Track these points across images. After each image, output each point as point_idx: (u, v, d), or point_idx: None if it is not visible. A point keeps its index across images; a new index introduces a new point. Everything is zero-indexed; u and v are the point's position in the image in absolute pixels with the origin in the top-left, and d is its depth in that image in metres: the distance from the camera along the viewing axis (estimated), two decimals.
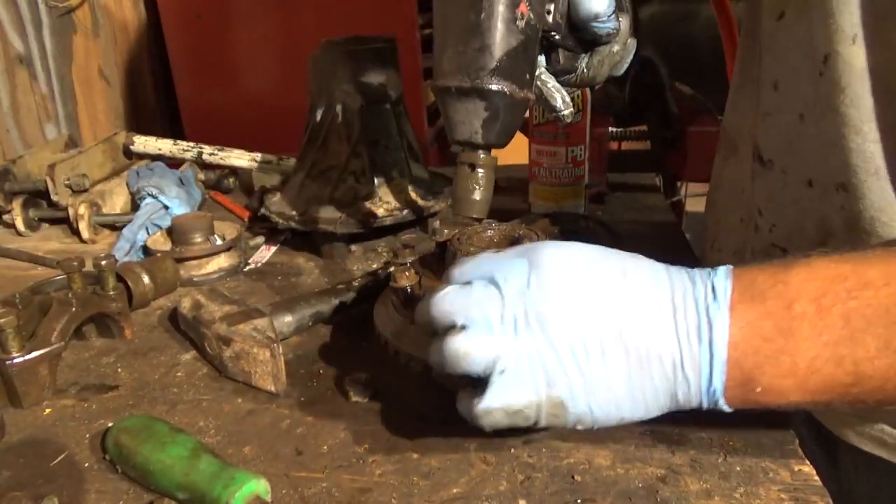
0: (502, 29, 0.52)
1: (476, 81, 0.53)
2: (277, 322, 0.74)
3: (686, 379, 0.43)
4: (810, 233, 0.64)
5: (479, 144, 0.55)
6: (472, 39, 0.53)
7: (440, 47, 0.55)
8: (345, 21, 1.67)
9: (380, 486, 0.55)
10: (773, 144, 0.67)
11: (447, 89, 0.55)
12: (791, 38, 0.63)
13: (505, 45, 0.53)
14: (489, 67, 0.53)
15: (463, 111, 0.55)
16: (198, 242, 0.95)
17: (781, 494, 0.52)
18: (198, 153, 1.29)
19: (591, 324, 0.44)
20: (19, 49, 1.48)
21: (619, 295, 0.45)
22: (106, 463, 0.59)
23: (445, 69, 0.55)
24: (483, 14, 0.52)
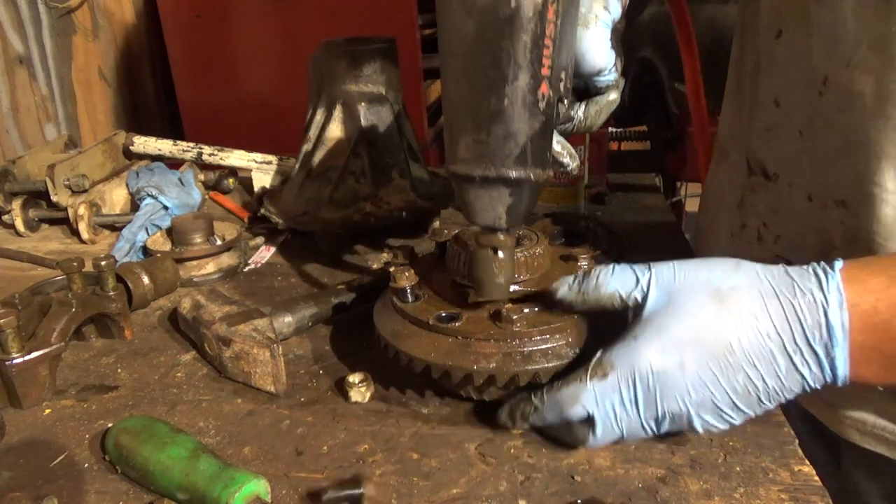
0: (526, 115, 0.50)
1: (501, 170, 0.51)
2: (277, 322, 0.74)
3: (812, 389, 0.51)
4: (813, 245, 0.65)
5: (503, 229, 0.54)
6: (495, 127, 0.51)
7: (456, 131, 0.53)
8: (345, 21, 1.67)
9: (380, 486, 0.55)
10: (776, 159, 0.68)
11: (469, 178, 0.53)
12: (789, 57, 0.63)
13: (529, 131, 0.51)
14: (514, 155, 0.51)
15: (486, 198, 0.53)
16: (197, 243, 0.95)
17: (781, 495, 0.52)
18: (197, 153, 1.29)
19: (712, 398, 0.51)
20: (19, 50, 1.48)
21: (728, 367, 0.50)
22: (106, 463, 0.59)
23: (465, 156, 0.52)
24: (506, 101, 0.50)
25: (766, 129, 0.68)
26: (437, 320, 0.60)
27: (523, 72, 0.49)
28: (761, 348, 0.49)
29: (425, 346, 0.59)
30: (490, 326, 0.58)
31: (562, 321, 0.58)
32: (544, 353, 0.57)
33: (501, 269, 0.56)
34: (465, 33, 0.50)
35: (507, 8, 0.48)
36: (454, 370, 0.57)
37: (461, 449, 0.59)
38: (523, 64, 0.49)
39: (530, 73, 0.49)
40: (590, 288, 0.56)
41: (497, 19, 0.48)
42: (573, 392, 0.53)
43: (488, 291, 0.57)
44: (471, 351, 0.57)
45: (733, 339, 0.50)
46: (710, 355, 0.50)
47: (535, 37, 0.49)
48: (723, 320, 0.50)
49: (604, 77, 0.61)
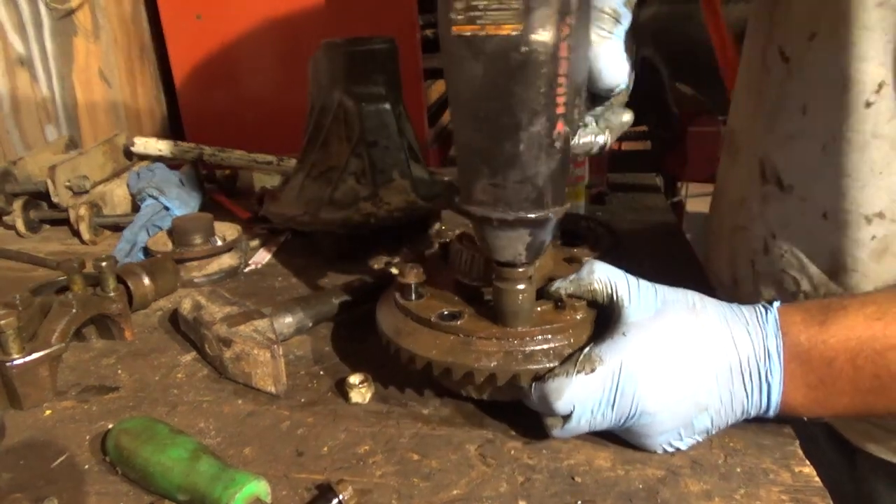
0: (543, 158, 0.49)
1: (520, 213, 0.51)
2: (278, 323, 0.74)
3: (748, 415, 0.55)
4: (822, 265, 0.63)
5: (523, 264, 0.55)
6: (511, 172, 0.49)
7: (471, 175, 0.52)
8: (345, 22, 1.67)
9: (380, 487, 0.55)
10: (795, 170, 0.65)
11: (487, 220, 0.52)
12: (820, 62, 0.60)
13: (546, 172, 0.50)
14: (532, 198, 0.50)
15: (505, 239, 0.53)
16: (198, 244, 0.95)
17: (782, 496, 0.52)
18: (198, 154, 1.29)
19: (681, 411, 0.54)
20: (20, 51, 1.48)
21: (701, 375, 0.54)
22: (106, 465, 0.59)
23: (482, 199, 0.52)
24: (522, 146, 0.48)
25: (788, 137, 0.65)
26: (439, 318, 0.60)
27: (538, 117, 0.48)
28: (725, 364, 0.54)
29: (427, 343, 0.59)
30: (492, 325, 0.58)
31: (564, 321, 0.58)
32: (546, 352, 0.57)
33: (524, 301, 0.57)
34: (473, 77, 0.48)
35: (517, 54, 0.46)
36: (455, 368, 0.57)
37: (461, 450, 0.59)
38: (538, 109, 0.47)
39: (545, 117, 0.48)
40: (584, 274, 0.58)
41: (507, 65, 0.46)
42: (559, 386, 0.55)
43: (511, 321, 0.57)
44: (472, 349, 0.57)
45: (706, 352, 0.54)
46: (687, 364, 0.54)
47: (550, 80, 0.47)
48: (699, 334, 0.54)
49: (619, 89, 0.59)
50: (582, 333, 0.58)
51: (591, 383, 0.54)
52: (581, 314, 0.59)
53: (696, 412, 0.54)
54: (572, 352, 0.57)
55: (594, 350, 0.55)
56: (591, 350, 0.55)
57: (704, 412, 0.54)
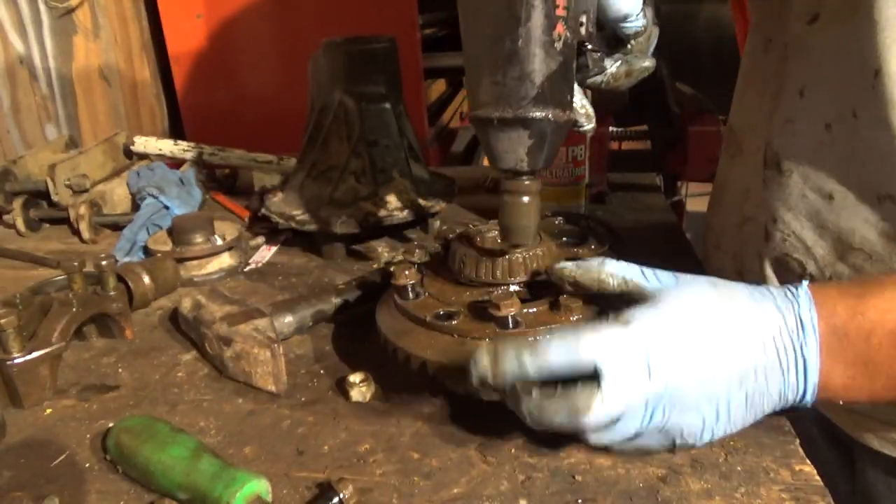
0: (541, 54, 0.51)
1: (519, 111, 0.52)
2: (278, 322, 0.74)
3: (785, 401, 0.51)
4: (826, 247, 0.63)
5: (525, 172, 0.55)
6: (511, 68, 0.51)
7: (474, 77, 0.53)
8: (345, 21, 1.67)
9: (380, 485, 0.55)
10: (794, 153, 0.65)
11: (488, 120, 0.53)
12: (824, 43, 0.60)
13: (545, 70, 0.51)
14: (531, 96, 0.51)
15: (506, 141, 0.53)
16: (198, 243, 0.95)
17: (782, 494, 0.52)
18: (198, 153, 1.29)
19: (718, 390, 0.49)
20: (20, 49, 1.48)
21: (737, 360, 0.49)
22: (107, 463, 0.59)
23: (483, 100, 0.53)
24: (520, 41, 0.50)
25: (786, 121, 0.65)
26: (435, 318, 0.60)
27: (536, 11, 0.49)
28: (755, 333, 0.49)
29: (422, 343, 0.59)
30: (487, 325, 0.58)
31: (558, 322, 0.58)
32: None
33: (527, 214, 0.56)
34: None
35: None
36: (450, 368, 0.57)
37: (462, 448, 0.59)
38: (536, 4, 0.49)
39: (544, 13, 0.50)
40: (594, 265, 0.55)
41: None
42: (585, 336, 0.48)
43: (515, 236, 0.57)
44: (467, 349, 0.57)
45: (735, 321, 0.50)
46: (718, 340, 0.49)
47: None
48: (725, 303, 0.50)
49: (630, 24, 0.60)
50: None
51: (623, 340, 0.48)
52: (577, 315, 0.58)
53: (732, 385, 0.49)
54: None
55: (623, 313, 0.50)
56: (619, 313, 0.51)
57: (739, 386, 0.49)
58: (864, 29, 0.56)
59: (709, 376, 0.49)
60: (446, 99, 2.55)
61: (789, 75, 0.65)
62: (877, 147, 0.58)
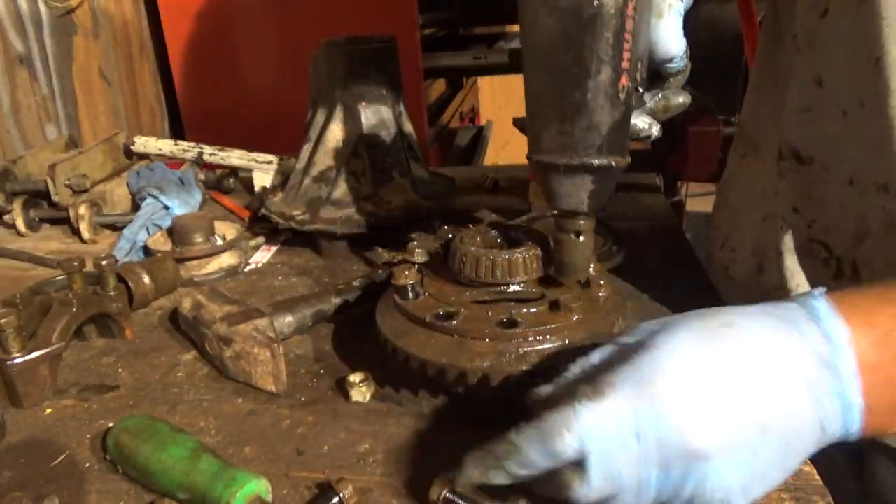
0: (608, 107, 0.53)
1: (584, 159, 0.54)
2: (278, 322, 0.74)
3: (827, 434, 0.43)
4: (849, 230, 0.64)
5: (585, 213, 0.57)
6: (578, 119, 0.53)
7: (539, 123, 0.56)
8: (345, 21, 1.67)
9: (380, 486, 0.55)
10: (813, 141, 0.66)
11: (554, 166, 0.55)
12: (837, 35, 0.62)
13: (610, 121, 0.54)
14: (596, 145, 0.54)
15: (570, 185, 0.56)
16: (198, 243, 0.95)
17: (782, 494, 0.52)
18: (198, 153, 1.29)
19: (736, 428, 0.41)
20: (19, 49, 1.48)
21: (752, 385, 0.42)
22: (107, 463, 0.59)
23: (549, 146, 0.55)
24: (589, 94, 0.52)
25: (802, 109, 0.66)
26: (435, 318, 0.60)
27: (605, 66, 0.52)
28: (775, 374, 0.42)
29: (422, 343, 0.59)
30: (486, 326, 0.58)
31: (559, 322, 0.58)
32: (539, 354, 0.57)
33: (584, 252, 0.59)
34: (547, 31, 0.53)
35: (590, 8, 0.51)
36: (448, 368, 0.57)
37: (462, 449, 0.59)
38: (605, 59, 0.52)
39: (612, 67, 0.52)
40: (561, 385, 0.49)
41: (580, 18, 0.51)
42: (559, 422, 0.42)
43: (571, 273, 0.60)
44: (465, 349, 0.57)
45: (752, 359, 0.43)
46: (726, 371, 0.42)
47: (617, 33, 0.51)
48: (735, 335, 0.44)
49: (674, 64, 0.64)
50: (576, 335, 0.58)
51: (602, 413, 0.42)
52: (577, 315, 0.58)
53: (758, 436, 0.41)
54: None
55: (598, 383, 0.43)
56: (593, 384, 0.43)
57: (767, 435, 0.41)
58: (869, 19, 0.58)
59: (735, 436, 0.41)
60: (446, 99, 2.56)
61: (804, 65, 0.66)
62: (878, 135, 0.59)
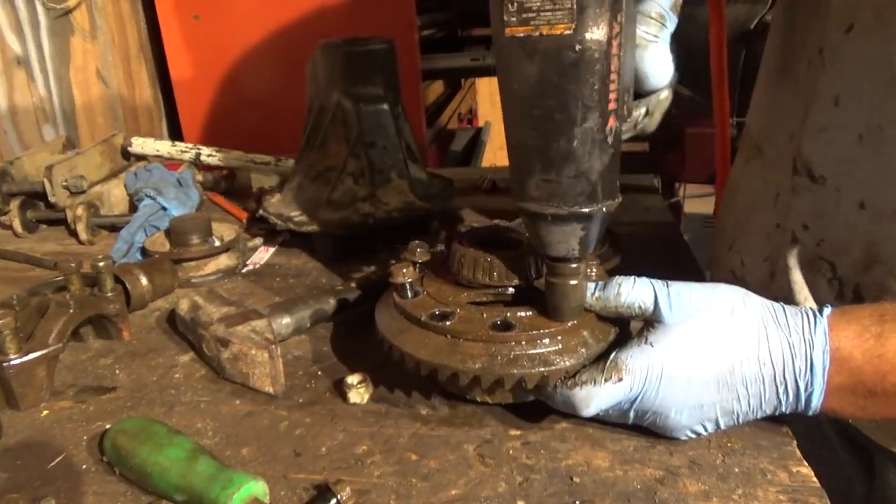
0: (596, 153, 0.50)
1: (574, 208, 0.52)
2: (276, 323, 0.74)
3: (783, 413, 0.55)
4: (857, 255, 0.63)
5: (576, 259, 0.55)
6: (566, 168, 0.51)
7: (524, 171, 0.53)
8: (343, 22, 1.67)
9: (378, 487, 0.55)
10: (827, 161, 0.65)
11: (542, 216, 0.53)
12: (858, 54, 0.60)
13: (599, 167, 0.51)
14: (586, 193, 0.52)
15: (559, 234, 0.54)
16: (196, 244, 0.95)
17: (780, 496, 0.52)
18: (196, 154, 1.29)
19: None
20: (17, 51, 1.48)
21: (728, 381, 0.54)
22: (104, 465, 0.59)
23: (535, 195, 0.53)
24: (576, 142, 0.50)
25: (820, 129, 0.65)
26: (430, 318, 0.60)
27: (592, 112, 0.49)
28: (756, 375, 0.53)
29: (417, 342, 0.59)
30: (480, 327, 0.58)
31: (552, 326, 0.58)
32: (531, 357, 0.57)
33: (575, 296, 0.57)
34: (528, 77, 0.49)
35: (571, 53, 0.47)
36: (441, 368, 0.57)
37: (460, 450, 0.59)
38: (591, 105, 0.49)
39: (598, 112, 0.49)
40: (611, 296, 0.57)
41: (561, 63, 0.47)
42: (587, 395, 0.55)
43: (563, 316, 0.58)
44: (458, 350, 0.57)
45: (736, 362, 0.53)
46: (714, 374, 0.53)
47: (602, 76, 0.48)
48: (731, 343, 0.53)
49: (661, 91, 0.63)
50: (570, 340, 0.58)
51: (617, 391, 0.55)
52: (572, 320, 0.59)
53: (720, 414, 0.55)
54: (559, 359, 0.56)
55: (620, 357, 0.55)
56: (617, 357, 0.55)
57: (730, 415, 0.55)
58: (891, 38, 0.56)
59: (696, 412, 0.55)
60: (444, 100, 2.56)
61: (825, 83, 0.64)
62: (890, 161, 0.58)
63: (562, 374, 0.56)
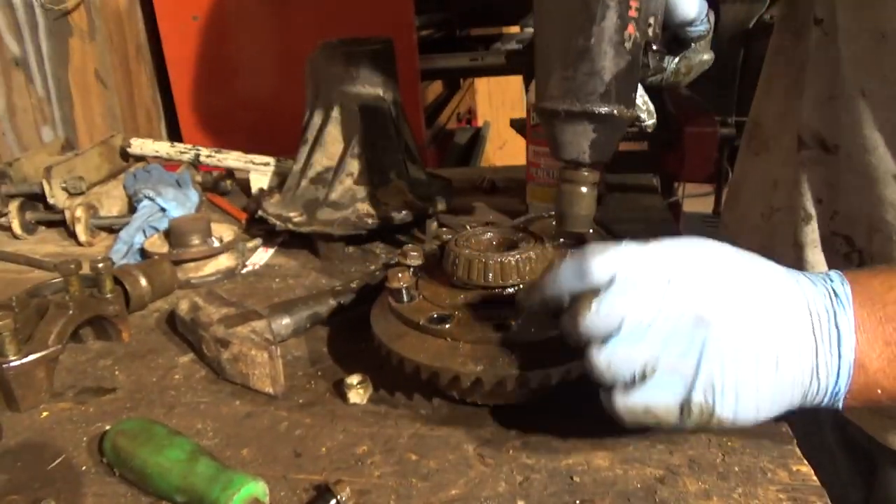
0: (612, 53, 0.53)
1: (586, 105, 0.54)
2: (275, 324, 0.74)
3: (818, 381, 0.46)
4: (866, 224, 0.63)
5: (586, 163, 0.57)
6: (582, 64, 0.53)
7: (545, 70, 0.56)
8: (342, 23, 1.67)
9: (378, 487, 0.55)
10: (840, 129, 0.65)
11: (556, 112, 0.55)
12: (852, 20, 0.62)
13: (614, 69, 0.53)
14: (599, 91, 0.54)
15: (571, 133, 0.56)
16: (195, 245, 0.95)
17: (780, 494, 0.52)
18: (195, 155, 1.29)
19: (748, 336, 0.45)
20: (15, 52, 1.48)
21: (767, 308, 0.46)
22: (103, 466, 0.59)
23: (553, 93, 0.55)
24: (593, 39, 0.53)
25: (828, 98, 0.66)
26: (428, 321, 0.60)
27: (610, 11, 0.52)
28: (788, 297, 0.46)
29: (416, 346, 0.59)
30: (479, 329, 0.58)
31: (553, 328, 0.58)
32: (531, 359, 0.57)
33: (584, 203, 0.58)
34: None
35: None
36: (442, 372, 0.57)
37: (460, 450, 0.59)
38: (611, 4, 0.52)
39: (618, 14, 0.52)
40: None
41: None
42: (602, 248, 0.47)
43: (570, 224, 0.59)
44: (458, 353, 0.57)
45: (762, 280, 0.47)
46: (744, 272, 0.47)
47: None
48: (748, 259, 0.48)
49: (694, 28, 0.62)
50: None
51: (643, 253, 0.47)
52: None
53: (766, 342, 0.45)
54: None
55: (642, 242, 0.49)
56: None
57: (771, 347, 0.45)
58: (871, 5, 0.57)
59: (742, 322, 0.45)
60: (443, 100, 2.56)
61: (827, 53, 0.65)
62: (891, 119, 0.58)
63: (563, 372, 0.56)
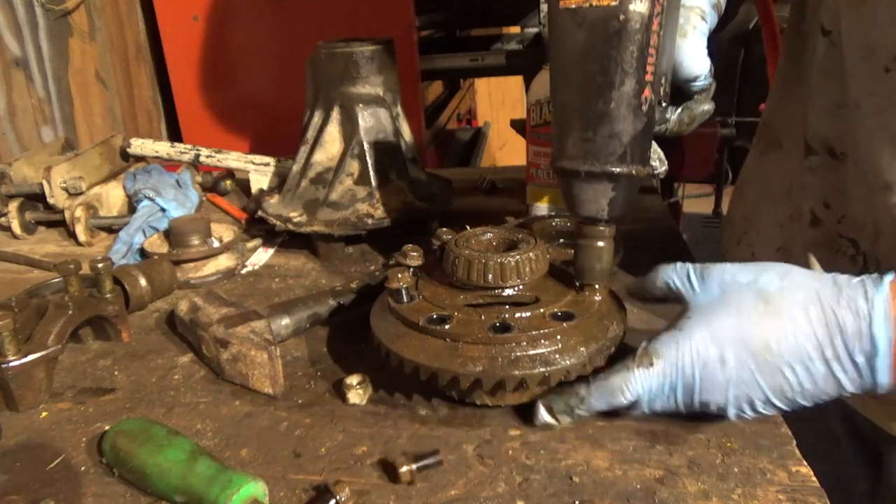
0: (630, 117, 0.55)
1: (606, 166, 0.56)
2: (275, 324, 0.74)
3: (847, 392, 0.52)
4: (871, 229, 0.64)
5: (604, 220, 0.59)
6: (601, 127, 0.55)
7: (563, 130, 0.58)
8: (342, 23, 1.67)
9: (378, 488, 0.55)
10: (847, 137, 0.67)
11: (576, 173, 0.57)
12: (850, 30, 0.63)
13: (632, 131, 0.55)
14: (618, 153, 0.56)
15: (590, 192, 0.58)
16: (195, 245, 0.95)
17: (779, 495, 0.52)
18: (195, 155, 1.29)
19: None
20: (15, 52, 1.48)
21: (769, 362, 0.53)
22: (103, 466, 0.59)
23: (572, 153, 0.57)
24: (612, 104, 0.55)
25: (836, 106, 0.67)
26: (428, 322, 0.60)
27: (629, 78, 0.54)
28: (799, 352, 0.51)
29: (415, 347, 0.59)
30: (479, 330, 0.58)
31: (552, 327, 0.58)
32: (532, 358, 0.57)
33: (602, 257, 0.60)
34: (575, 43, 0.55)
35: (616, 22, 0.53)
36: (441, 372, 0.57)
37: (459, 450, 0.59)
38: (629, 71, 0.54)
39: (635, 79, 0.54)
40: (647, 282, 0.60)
41: (606, 31, 0.54)
42: (620, 382, 0.56)
43: (590, 277, 0.61)
44: (458, 354, 0.58)
45: (772, 340, 0.52)
46: (749, 353, 0.53)
47: (641, 46, 0.54)
48: (765, 321, 0.53)
49: (699, 83, 0.66)
50: (570, 339, 0.58)
51: (650, 376, 0.55)
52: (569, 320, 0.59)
53: (771, 394, 0.53)
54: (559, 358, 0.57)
55: (651, 346, 0.56)
56: (647, 345, 0.56)
57: (781, 394, 0.53)
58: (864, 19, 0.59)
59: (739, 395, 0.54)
60: (443, 101, 2.56)
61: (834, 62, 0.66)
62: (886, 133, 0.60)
63: (563, 373, 0.57)
